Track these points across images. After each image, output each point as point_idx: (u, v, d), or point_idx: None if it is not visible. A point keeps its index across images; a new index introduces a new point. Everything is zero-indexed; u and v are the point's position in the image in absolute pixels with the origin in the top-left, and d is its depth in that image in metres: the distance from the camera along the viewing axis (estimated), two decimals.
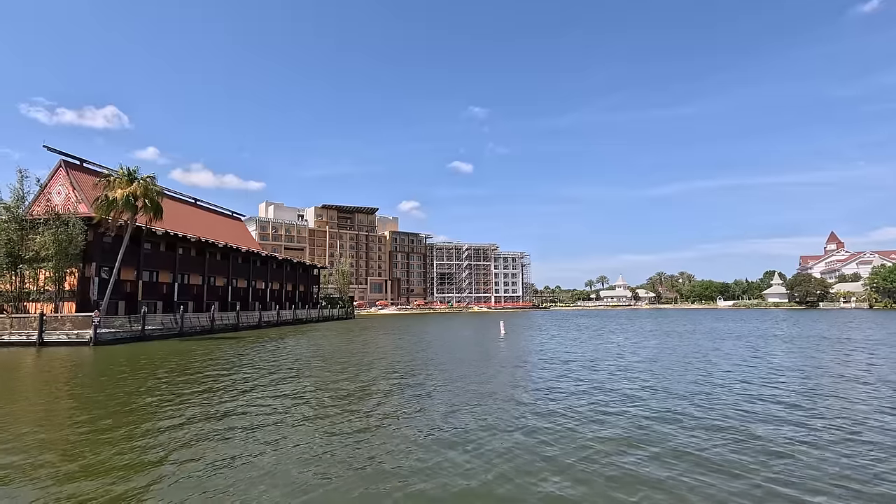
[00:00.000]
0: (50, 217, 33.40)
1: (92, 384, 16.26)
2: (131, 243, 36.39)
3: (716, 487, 6.49)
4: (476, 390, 13.80)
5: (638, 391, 13.61)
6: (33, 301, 33.58)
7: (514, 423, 9.99)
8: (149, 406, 12.16)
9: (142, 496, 6.43)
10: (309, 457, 7.99)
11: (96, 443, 8.88)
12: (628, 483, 6.69)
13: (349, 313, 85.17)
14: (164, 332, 37.14)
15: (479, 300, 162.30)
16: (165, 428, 9.89)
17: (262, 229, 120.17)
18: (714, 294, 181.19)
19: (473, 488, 6.60)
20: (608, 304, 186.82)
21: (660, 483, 6.65)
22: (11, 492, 6.61)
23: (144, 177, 35.30)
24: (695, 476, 6.90)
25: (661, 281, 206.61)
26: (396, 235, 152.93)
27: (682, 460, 7.60)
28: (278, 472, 7.23)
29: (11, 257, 32.48)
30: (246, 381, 16.01)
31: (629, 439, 8.76)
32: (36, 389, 15.60)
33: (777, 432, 9.14)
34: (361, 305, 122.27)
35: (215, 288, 52.68)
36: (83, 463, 7.77)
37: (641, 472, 7.09)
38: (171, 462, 7.78)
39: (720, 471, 7.09)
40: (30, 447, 8.66)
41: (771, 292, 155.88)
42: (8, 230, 32.17)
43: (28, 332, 30.31)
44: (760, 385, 14.41)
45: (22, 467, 7.60)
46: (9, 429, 10.00)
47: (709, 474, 6.96)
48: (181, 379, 16.52)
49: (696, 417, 10.42)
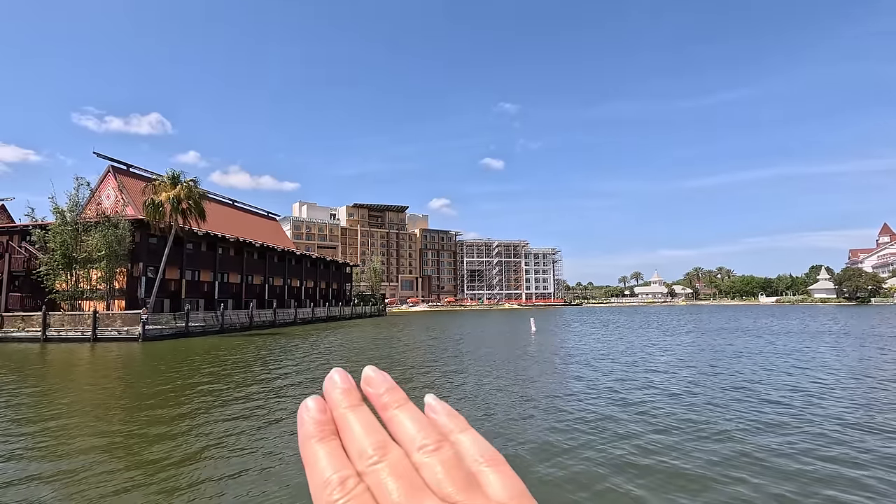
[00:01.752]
0: (101, 220, 35.31)
1: (146, 377, 17.24)
2: (174, 244, 38.06)
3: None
4: (510, 390, 13.91)
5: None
6: (86, 299, 35.57)
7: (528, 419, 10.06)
8: (200, 397, 12.83)
9: (193, 483, 6.88)
10: None
11: (151, 432, 9.50)
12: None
13: (381, 310, 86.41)
14: (205, 328, 38.75)
15: (510, 297, 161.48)
16: (219, 418, 10.45)
17: (296, 229, 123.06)
18: (755, 290, 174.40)
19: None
20: (642, 300, 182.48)
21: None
22: (73, 476, 7.19)
23: (187, 180, 36.90)
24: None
25: (699, 276, 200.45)
26: (427, 233, 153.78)
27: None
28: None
29: (66, 258, 34.51)
30: (287, 373, 16.63)
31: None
32: (95, 381, 16.66)
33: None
34: (393, 303, 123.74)
35: (253, 286, 54.45)
36: (142, 451, 8.35)
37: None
38: (222, 448, 8.26)
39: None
40: (92, 433, 9.34)
41: (817, 288, 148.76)
42: (63, 233, 34.22)
43: (83, 329, 32.21)
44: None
45: (85, 452, 8.23)
46: (74, 417, 10.79)
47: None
48: (228, 372, 17.31)
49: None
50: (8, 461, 7.89)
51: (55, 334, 32.12)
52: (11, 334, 32.41)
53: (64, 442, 8.91)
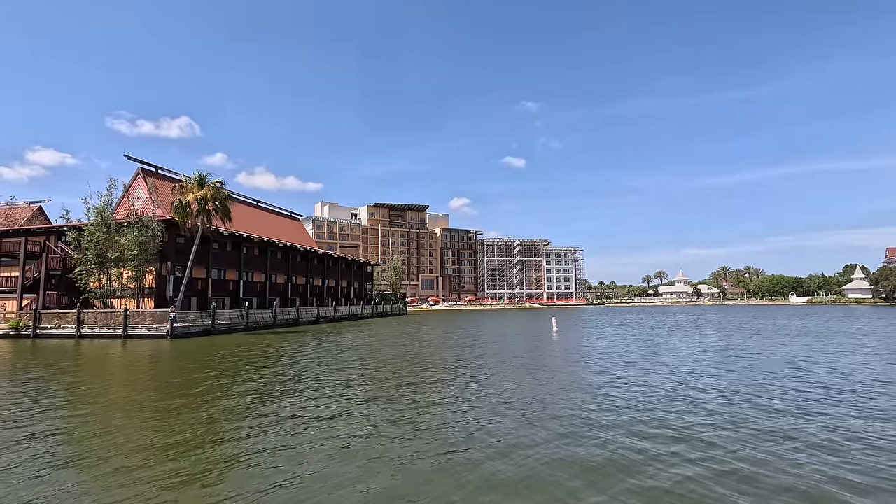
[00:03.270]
0: (133, 220, 36.40)
1: (177, 372, 17.72)
2: (201, 243, 38.97)
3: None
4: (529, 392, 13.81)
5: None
6: (118, 297, 36.73)
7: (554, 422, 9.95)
8: (228, 391, 13.11)
9: (218, 477, 7.04)
10: (391, 448, 8.38)
11: (185, 422, 9.75)
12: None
13: (402, 309, 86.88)
14: (231, 326, 39.59)
15: (531, 296, 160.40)
16: (245, 411, 10.66)
17: (318, 228, 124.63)
18: (785, 290, 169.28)
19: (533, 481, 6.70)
20: (667, 300, 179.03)
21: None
22: (110, 469, 7.42)
23: (213, 181, 37.77)
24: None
25: (726, 276, 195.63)
26: (447, 232, 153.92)
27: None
28: (349, 457, 7.65)
29: (100, 258, 35.70)
30: (313, 370, 16.86)
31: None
32: (131, 375, 17.19)
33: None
34: (413, 302, 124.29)
35: (276, 285, 55.37)
36: (175, 441, 8.58)
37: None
38: (247, 442, 8.42)
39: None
40: (124, 427, 9.64)
41: (851, 287, 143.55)
42: (97, 233, 35.41)
43: (115, 326, 33.28)
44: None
45: (120, 446, 8.50)
46: (109, 412, 11.16)
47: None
48: (254, 367, 17.65)
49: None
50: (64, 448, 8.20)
51: (89, 331, 33.28)
52: (48, 331, 33.72)
53: (105, 429, 9.22)
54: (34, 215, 49.41)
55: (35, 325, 33.88)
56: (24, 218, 48.15)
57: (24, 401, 12.53)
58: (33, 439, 8.92)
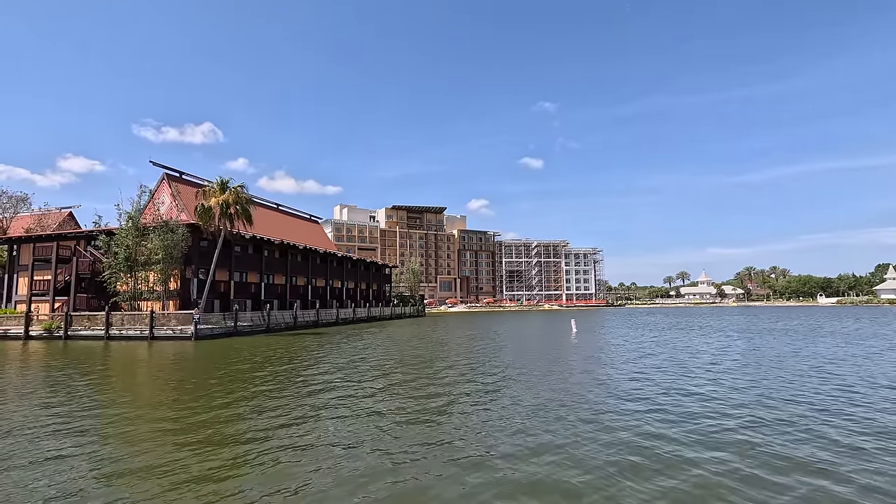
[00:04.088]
0: (160, 225, 37.38)
1: (202, 372, 18.14)
2: (223, 247, 39.78)
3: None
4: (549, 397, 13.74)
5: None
6: (144, 300, 37.73)
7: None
8: (252, 391, 13.38)
9: (234, 475, 7.20)
10: (408, 445, 8.46)
11: (215, 421, 10.00)
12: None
13: (420, 311, 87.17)
14: (253, 328, 40.30)
15: (550, 298, 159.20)
16: (266, 409, 10.87)
17: (337, 231, 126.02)
18: (814, 290, 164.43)
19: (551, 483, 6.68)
20: (689, 301, 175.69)
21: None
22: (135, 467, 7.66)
23: (235, 186, 38.55)
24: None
25: (751, 276, 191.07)
26: (465, 234, 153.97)
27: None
28: (360, 454, 7.75)
29: (129, 261, 36.74)
30: (334, 371, 17.08)
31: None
32: (156, 376, 17.67)
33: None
34: (431, 304, 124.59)
35: (297, 287, 56.14)
36: (199, 439, 8.81)
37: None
38: (268, 441, 8.59)
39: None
40: (151, 424, 9.92)
41: (884, 288, 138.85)
42: (127, 238, 36.47)
43: (141, 328, 34.19)
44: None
45: (148, 445, 8.76)
46: (139, 411, 11.51)
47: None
48: (277, 367, 17.95)
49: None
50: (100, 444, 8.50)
51: (117, 333, 34.26)
52: (79, 332, 34.83)
53: (136, 427, 9.51)
54: (65, 220, 51.17)
55: (66, 326, 35.03)
56: (56, 223, 49.91)
57: (54, 398, 12.99)
58: (57, 437, 9.25)
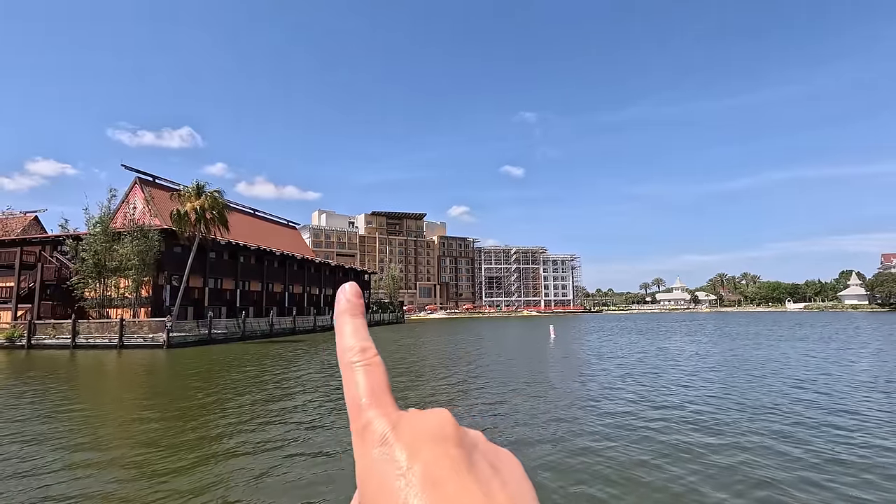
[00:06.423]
0: (134, 230, 36.33)
1: (171, 382, 17.62)
2: (198, 252, 38.90)
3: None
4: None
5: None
6: (115, 307, 36.57)
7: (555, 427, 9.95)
8: (223, 402, 13.05)
9: (215, 482, 7.01)
10: None
11: (185, 431, 9.71)
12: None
13: (399, 318, 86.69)
14: (228, 335, 39.42)
15: (529, 304, 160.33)
16: (238, 420, 10.62)
17: (315, 237, 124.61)
18: (782, 296, 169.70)
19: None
20: (664, 307, 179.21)
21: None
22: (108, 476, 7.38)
23: (211, 191, 37.78)
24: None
25: (723, 282, 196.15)
26: (445, 240, 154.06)
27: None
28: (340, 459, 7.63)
29: (98, 267, 35.57)
30: (307, 377, 16.80)
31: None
32: (124, 388, 17.09)
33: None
34: (411, 310, 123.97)
35: (273, 294, 55.23)
36: (172, 453, 8.54)
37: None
38: (248, 447, 8.39)
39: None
40: (119, 438, 9.59)
41: (848, 294, 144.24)
42: (96, 243, 35.31)
43: (110, 336, 33.11)
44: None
45: (116, 456, 8.45)
46: (105, 425, 11.09)
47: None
48: (250, 377, 17.57)
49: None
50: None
51: (84, 341, 33.09)
52: (43, 341, 33.51)
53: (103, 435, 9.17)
54: (30, 225, 49.35)
55: (30, 335, 33.67)
56: (20, 228, 48.07)
57: (10, 412, 12.45)
58: (24, 448, 8.87)
